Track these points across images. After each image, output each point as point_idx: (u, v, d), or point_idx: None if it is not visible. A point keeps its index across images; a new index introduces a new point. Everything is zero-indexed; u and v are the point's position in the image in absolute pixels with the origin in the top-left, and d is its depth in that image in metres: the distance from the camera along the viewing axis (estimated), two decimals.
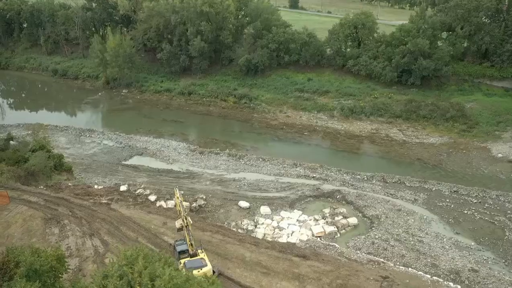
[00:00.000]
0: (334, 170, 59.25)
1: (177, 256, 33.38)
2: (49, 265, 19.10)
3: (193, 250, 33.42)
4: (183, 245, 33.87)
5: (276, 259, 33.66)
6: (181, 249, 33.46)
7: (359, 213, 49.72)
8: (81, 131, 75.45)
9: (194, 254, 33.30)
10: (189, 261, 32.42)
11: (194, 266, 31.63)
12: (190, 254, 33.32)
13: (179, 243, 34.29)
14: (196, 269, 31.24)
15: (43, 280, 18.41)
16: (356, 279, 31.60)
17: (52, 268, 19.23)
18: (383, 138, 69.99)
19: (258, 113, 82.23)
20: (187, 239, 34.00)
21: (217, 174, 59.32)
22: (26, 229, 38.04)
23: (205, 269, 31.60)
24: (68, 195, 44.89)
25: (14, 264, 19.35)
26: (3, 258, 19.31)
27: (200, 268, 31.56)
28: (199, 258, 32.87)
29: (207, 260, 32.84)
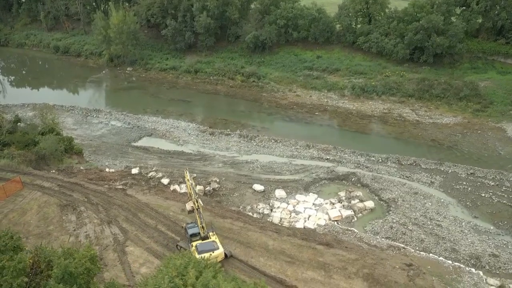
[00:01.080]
0: (348, 152, 58.31)
1: (188, 239, 33.14)
2: (83, 267, 18.41)
3: (204, 233, 33.16)
4: (194, 228, 33.58)
5: (300, 247, 33.09)
6: (192, 232, 33.18)
7: (375, 196, 49.10)
8: (87, 111, 74.05)
9: (206, 237, 33.02)
10: (201, 244, 32.16)
11: (206, 249, 31.43)
12: (201, 237, 33.04)
13: (191, 226, 34.00)
14: (208, 252, 31.05)
15: (78, 283, 17.74)
16: (383, 268, 31.13)
17: (86, 270, 18.54)
18: (396, 118, 68.74)
19: (267, 92, 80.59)
20: (198, 221, 33.70)
21: (229, 156, 58.40)
22: (42, 216, 37.30)
23: (217, 252, 31.44)
24: (81, 180, 43.98)
25: (45, 264, 18.61)
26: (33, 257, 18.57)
27: (212, 251, 31.35)
28: (211, 241, 32.59)
29: (218, 242, 32.61)
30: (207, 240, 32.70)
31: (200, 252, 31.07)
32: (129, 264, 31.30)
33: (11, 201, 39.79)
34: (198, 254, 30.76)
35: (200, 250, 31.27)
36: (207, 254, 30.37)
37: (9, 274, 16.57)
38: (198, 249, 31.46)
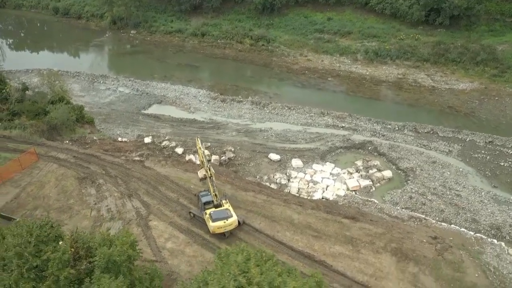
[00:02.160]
0: (363, 120, 57.23)
1: (202, 207, 33.14)
2: (126, 255, 17.85)
3: (217, 201, 33.11)
4: (207, 196, 33.53)
5: (325, 221, 32.75)
6: (206, 200, 33.13)
7: (393, 166, 48.51)
8: (94, 77, 72.12)
9: (219, 205, 32.99)
10: (215, 211, 32.10)
11: (220, 217, 31.45)
12: (214, 205, 33.02)
13: (204, 194, 33.94)
14: (222, 220, 31.22)
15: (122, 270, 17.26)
16: (410, 242, 30.91)
17: (128, 257, 18.01)
18: (411, 84, 67.10)
19: (277, 56, 78.29)
20: (211, 189, 33.62)
21: (243, 124, 57.33)
22: (61, 189, 36.74)
23: (230, 220, 31.45)
24: (97, 151, 43.14)
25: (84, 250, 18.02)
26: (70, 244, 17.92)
27: (226, 218, 31.38)
28: (224, 209, 32.54)
29: (232, 210, 32.58)
30: (221, 208, 32.75)
31: (214, 220, 31.26)
32: (154, 239, 31.05)
33: (27, 173, 39.13)
34: (212, 222, 31.14)
35: (214, 218, 31.38)
36: (221, 222, 31.15)
37: (54, 266, 16.03)
38: (212, 217, 31.53)
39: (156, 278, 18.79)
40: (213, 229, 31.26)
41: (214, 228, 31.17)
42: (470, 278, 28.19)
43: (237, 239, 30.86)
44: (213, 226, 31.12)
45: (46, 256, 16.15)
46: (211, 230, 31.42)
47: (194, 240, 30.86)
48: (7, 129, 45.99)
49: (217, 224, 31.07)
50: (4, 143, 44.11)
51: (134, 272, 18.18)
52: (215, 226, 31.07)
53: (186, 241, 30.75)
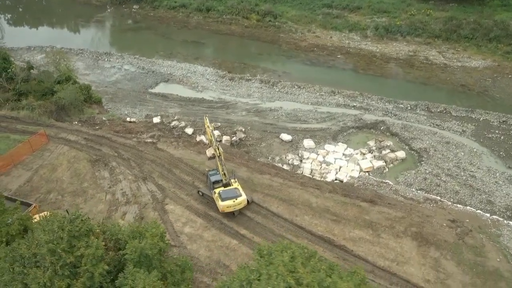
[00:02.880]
0: (375, 99, 56.26)
1: (211, 186, 33.06)
2: (158, 248, 17.42)
3: (226, 180, 33.03)
4: (216, 175, 33.47)
5: (344, 204, 32.42)
6: (215, 179, 33.09)
7: (406, 146, 47.90)
8: (98, 55, 70.55)
9: (227, 184, 32.94)
10: (224, 191, 32.08)
11: (229, 196, 31.49)
12: (223, 184, 32.92)
13: (213, 173, 33.83)
14: (231, 199, 31.24)
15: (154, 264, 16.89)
16: (430, 226, 30.65)
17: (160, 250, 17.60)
18: (423, 62, 65.71)
19: (285, 32, 76.44)
20: (219, 168, 33.49)
21: (252, 103, 56.37)
22: (74, 172, 36.24)
23: (240, 199, 31.48)
24: (108, 132, 42.43)
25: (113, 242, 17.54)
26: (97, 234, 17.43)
27: (235, 197, 31.42)
28: (234, 188, 32.49)
29: (241, 189, 32.53)
30: (230, 187, 32.69)
31: (224, 199, 31.29)
32: (172, 223, 30.76)
33: (38, 156, 38.57)
34: (221, 201, 31.17)
35: (223, 197, 31.41)
36: (230, 201, 31.20)
37: (88, 263, 15.59)
38: (221, 196, 31.56)
39: (187, 270, 18.48)
40: (222, 208, 31.42)
41: (223, 207, 31.35)
42: (492, 262, 28.05)
43: (257, 225, 30.52)
44: (222, 205, 31.29)
45: (80, 252, 15.72)
46: (220, 209, 31.58)
47: (212, 225, 30.58)
48: (14, 109, 45.16)
49: (226, 203, 31.21)
50: (12, 124, 43.40)
51: (165, 265, 17.86)
52: (224, 205, 31.24)
53: (204, 225, 30.47)
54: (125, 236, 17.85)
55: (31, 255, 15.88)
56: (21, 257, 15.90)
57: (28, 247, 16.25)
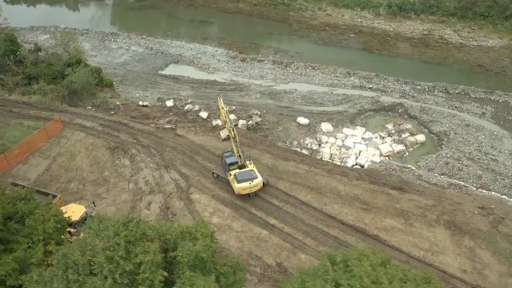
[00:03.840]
0: (391, 80, 55.09)
1: (226, 168, 32.80)
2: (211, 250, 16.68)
3: (241, 162, 32.77)
4: (232, 157, 33.22)
5: (373, 192, 31.80)
6: (230, 161, 32.88)
7: (425, 129, 47.12)
8: (104, 35, 68.54)
9: (243, 166, 32.67)
10: (240, 173, 31.84)
11: (245, 178, 31.29)
12: (238, 166, 32.64)
13: (228, 155, 33.56)
14: (247, 181, 31.02)
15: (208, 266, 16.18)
16: (463, 215, 30.15)
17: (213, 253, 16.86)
18: (438, 41, 64.19)
19: (295, 11, 74.35)
20: (234, 150, 33.24)
21: (266, 85, 55.11)
22: (93, 160, 35.32)
23: (256, 181, 31.28)
24: (124, 118, 41.31)
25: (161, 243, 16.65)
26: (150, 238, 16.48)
27: (251, 180, 31.19)
28: (249, 170, 32.22)
29: (256, 171, 32.20)
30: (245, 169, 32.40)
31: (240, 181, 31.10)
32: (199, 213, 30.11)
33: (54, 143, 37.54)
34: (237, 183, 30.97)
35: (239, 179, 31.21)
36: (246, 183, 30.99)
37: (147, 270, 14.83)
38: (237, 178, 31.36)
39: (238, 271, 17.85)
40: (238, 190, 31.24)
41: (239, 189, 31.15)
42: None
43: (287, 214, 29.92)
44: (238, 187, 31.09)
45: (139, 259, 14.94)
46: (236, 191, 31.40)
47: (240, 214, 29.95)
48: (25, 94, 43.79)
49: (242, 185, 31.04)
50: (24, 110, 42.16)
51: (218, 267, 17.21)
52: (240, 187, 31.05)
53: (232, 215, 29.85)
54: (173, 236, 17.12)
55: (86, 262, 15.12)
56: (75, 264, 15.14)
57: (82, 253, 15.48)
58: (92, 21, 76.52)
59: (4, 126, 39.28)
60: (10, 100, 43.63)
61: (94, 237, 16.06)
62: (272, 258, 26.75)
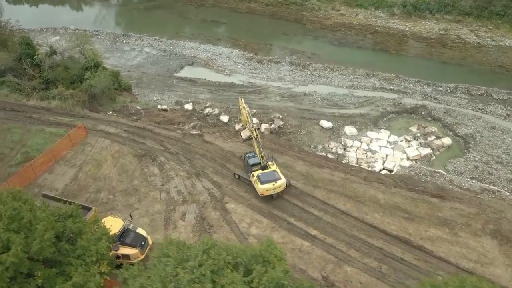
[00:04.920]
0: (412, 81, 54.30)
1: (248, 169, 32.52)
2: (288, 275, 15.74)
3: (263, 162, 32.49)
4: (254, 157, 33.01)
5: (413, 200, 31.03)
6: (253, 162, 32.68)
7: (450, 132, 46.41)
8: (115, 36, 67.31)
9: (265, 166, 32.38)
10: (263, 174, 31.52)
11: (269, 179, 31.02)
12: (261, 167, 32.33)
13: (250, 156, 33.35)
14: (271, 182, 30.74)
15: None
16: (508, 223, 29.44)
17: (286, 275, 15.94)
18: (455, 41, 63.41)
19: (308, 10, 73.31)
20: (256, 151, 33.01)
21: (285, 88, 54.20)
22: (121, 168, 34.31)
23: (279, 182, 30.99)
24: (148, 124, 40.27)
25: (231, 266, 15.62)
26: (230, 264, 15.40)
27: (275, 181, 30.90)
28: (272, 171, 31.92)
29: (279, 172, 31.88)
30: (268, 170, 32.07)
31: (263, 182, 30.74)
32: (236, 224, 29.25)
33: (79, 151, 36.49)
34: (261, 185, 30.63)
35: (263, 180, 30.84)
36: (270, 184, 30.65)
37: None
38: (260, 179, 30.99)
39: None
40: (261, 191, 30.95)
41: (263, 190, 30.86)
42: None
43: (327, 224, 29.07)
44: (262, 189, 30.79)
45: None
46: (260, 192, 31.04)
47: (279, 225, 29.10)
48: (44, 99, 42.64)
49: (266, 186, 30.78)
50: (44, 115, 41.06)
51: None
52: (264, 188, 30.77)
53: (271, 226, 28.99)
54: (245, 260, 16.17)
55: None
56: None
57: (163, 285, 14.43)
58: (102, 21, 75.23)
59: (26, 133, 38.22)
60: (28, 106, 42.52)
61: (175, 267, 15.09)
62: (317, 271, 25.94)
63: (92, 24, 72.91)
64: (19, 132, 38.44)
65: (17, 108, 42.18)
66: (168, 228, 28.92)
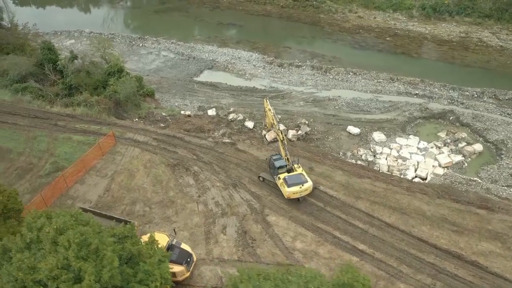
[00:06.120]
0: (437, 85, 53.41)
1: (275, 171, 32.34)
2: None
3: (289, 165, 32.43)
4: (281, 160, 32.85)
5: (460, 212, 30.09)
6: (279, 164, 32.36)
7: (479, 138, 45.48)
8: (131, 40, 66.27)
9: (291, 169, 32.28)
10: (289, 176, 31.40)
11: (296, 182, 30.89)
12: (287, 169, 32.25)
13: (277, 158, 33.16)
14: (297, 185, 30.58)
15: None
16: None
17: None
18: (477, 44, 62.55)
19: (325, 13, 72.41)
20: (282, 153, 32.95)
21: (308, 92, 53.26)
22: (155, 178, 33.28)
23: (306, 185, 30.88)
24: (178, 131, 39.23)
25: None
26: None
27: (301, 183, 30.76)
28: (299, 174, 31.78)
29: (306, 175, 31.66)
30: (295, 172, 31.87)
31: (290, 185, 30.55)
32: (280, 238, 28.26)
33: (109, 160, 35.45)
34: (288, 187, 30.39)
35: (289, 183, 30.64)
36: (296, 187, 30.39)
37: None
38: (287, 182, 30.85)
39: None
40: (288, 194, 30.62)
41: (290, 193, 30.55)
42: None
43: (374, 238, 28.13)
44: (288, 192, 30.47)
45: None
46: (286, 195, 30.81)
47: (324, 239, 28.13)
48: (68, 106, 41.57)
49: (293, 189, 30.46)
50: (70, 123, 39.99)
51: None
52: (290, 191, 30.46)
53: (316, 240, 28.03)
54: None
55: None
56: None
57: None
58: (116, 24, 74.19)
59: (53, 142, 37.18)
60: (52, 113, 41.48)
61: None
62: None
63: (106, 27, 71.87)
64: (46, 140, 37.41)
65: (41, 115, 41.15)
66: (209, 243, 27.93)
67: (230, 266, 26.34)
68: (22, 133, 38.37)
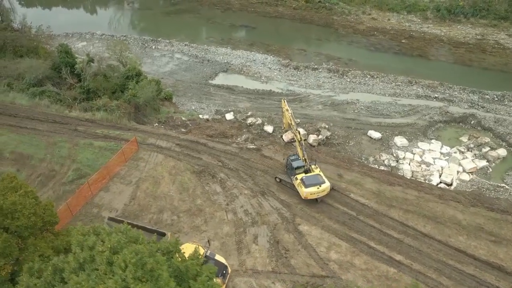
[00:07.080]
0: (456, 89, 52.79)
1: (292, 172, 32.27)
2: None
3: (307, 166, 32.35)
4: (298, 160, 32.85)
5: (496, 221, 29.47)
6: (297, 165, 32.27)
7: (502, 142, 44.89)
8: (143, 42, 65.58)
9: (308, 170, 32.20)
10: (307, 177, 31.31)
11: (313, 182, 30.78)
12: (304, 170, 32.15)
13: (294, 158, 33.19)
14: (315, 186, 30.46)
15: None
16: None
17: None
18: (494, 46, 61.95)
19: (338, 15, 71.76)
20: (300, 154, 32.94)
21: (325, 96, 52.63)
22: (181, 186, 32.59)
23: (324, 186, 30.75)
24: (201, 137, 38.53)
25: None
26: None
27: (319, 184, 30.64)
28: (316, 174, 31.68)
29: (323, 176, 31.55)
30: (312, 173, 31.67)
31: (308, 185, 30.41)
32: (314, 248, 27.58)
33: (133, 167, 34.73)
34: (305, 188, 30.25)
35: (307, 184, 30.51)
36: (314, 188, 30.23)
37: None
38: (304, 182, 30.69)
39: None
40: (305, 195, 30.49)
41: (307, 194, 30.42)
42: None
43: (410, 248, 27.47)
44: (306, 192, 30.34)
45: None
46: (303, 196, 30.69)
47: (359, 249, 27.47)
48: (87, 111, 40.87)
49: (311, 190, 30.34)
50: (90, 128, 39.26)
51: None
52: (308, 192, 30.32)
53: (351, 250, 27.36)
54: None
55: None
56: None
57: None
58: (128, 26, 73.54)
59: (74, 148, 36.46)
60: (71, 118, 40.77)
61: None
62: None
63: (118, 29, 71.17)
64: (67, 146, 36.70)
65: (60, 120, 40.45)
66: (241, 253, 27.25)
67: (264, 278, 25.69)
68: (42, 139, 37.66)
